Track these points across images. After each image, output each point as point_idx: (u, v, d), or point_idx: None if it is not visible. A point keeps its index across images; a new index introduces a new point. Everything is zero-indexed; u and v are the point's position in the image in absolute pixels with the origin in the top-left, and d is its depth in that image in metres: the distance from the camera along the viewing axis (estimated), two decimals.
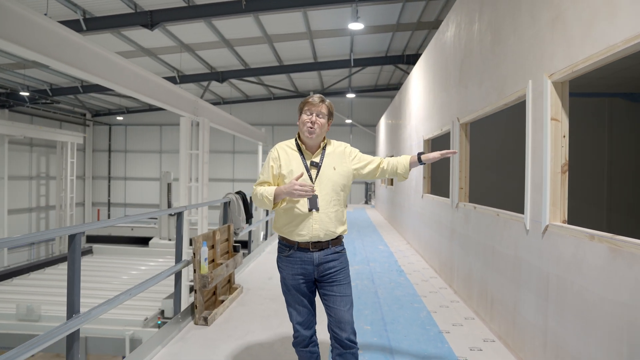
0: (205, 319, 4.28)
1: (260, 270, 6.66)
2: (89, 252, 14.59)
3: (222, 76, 16.87)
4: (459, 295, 5.38)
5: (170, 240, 15.28)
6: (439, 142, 7.73)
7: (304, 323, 2.72)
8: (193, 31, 13.37)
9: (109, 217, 24.08)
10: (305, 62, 17.80)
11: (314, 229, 2.59)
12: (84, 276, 8.61)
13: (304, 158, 2.69)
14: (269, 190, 2.58)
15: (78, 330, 2.65)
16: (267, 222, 8.97)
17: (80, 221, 23.13)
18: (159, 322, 8.94)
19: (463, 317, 4.69)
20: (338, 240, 2.69)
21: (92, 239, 16.42)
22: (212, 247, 4.80)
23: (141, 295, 8.12)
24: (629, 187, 9.78)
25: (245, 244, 8.16)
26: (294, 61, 17.63)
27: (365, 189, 24.24)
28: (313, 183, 2.60)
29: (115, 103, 22.70)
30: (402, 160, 2.84)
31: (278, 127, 24.38)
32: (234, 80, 18.90)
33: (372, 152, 24.35)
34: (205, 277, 4.29)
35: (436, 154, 2.78)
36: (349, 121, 24.23)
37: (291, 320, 2.76)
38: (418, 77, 8.96)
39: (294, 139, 2.77)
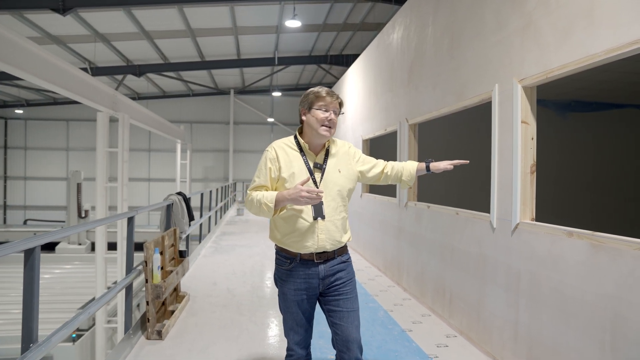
0: (160, 333, 3.94)
1: (203, 276, 6.31)
2: None
3: (139, 70, 15.84)
4: (410, 293, 5.50)
5: (80, 244, 14.07)
6: (379, 141, 7.88)
7: (301, 342, 2.45)
8: (110, 20, 12.39)
9: (4, 222, 21.56)
10: (228, 59, 17.32)
11: (320, 239, 2.30)
12: None
13: (307, 159, 2.37)
14: (267, 197, 2.25)
15: None
16: (200, 224, 8.56)
17: None
18: (74, 335, 8.17)
19: (420, 314, 4.79)
20: (344, 248, 2.43)
21: None
22: (161, 253, 4.43)
23: (43, 307, 7.31)
24: None
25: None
26: (217, 57, 17.08)
27: None
28: (317, 187, 2.32)
29: (13, 94, 20.34)
30: (408, 167, 2.62)
31: (197, 125, 23.48)
32: (151, 75, 17.88)
33: None
34: (158, 287, 3.94)
35: (446, 164, 2.57)
36: (270, 120, 24.01)
37: (287, 337, 2.48)
38: (356, 77, 9.06)
39: (292, 137, 2.45)
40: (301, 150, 2.39)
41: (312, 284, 2.33)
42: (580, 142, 9.25)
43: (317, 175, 2.35)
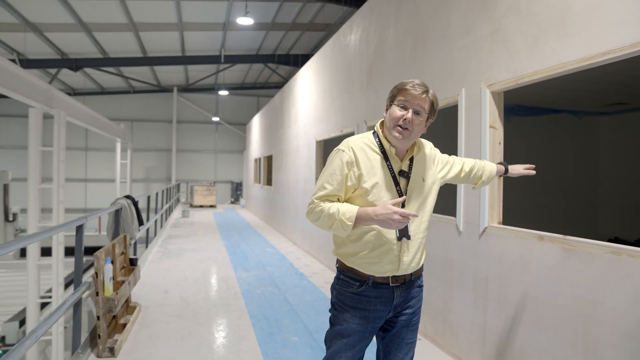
0: (112, 350, 3.64)
1: (152, 284, 5.96)
2: None
3: (76, 64, 14.89)
4: None
5: None
6: (335, 143, 7.82)
7: None
8: (42, 8, 11.54)
9: None
10: (172, 55, 16.70)
11: (403, 262, 1.92)
12: None
13: (391, 165, 1.94)
14: (345, 212, 1.83)
15: None
16: (147, 228, 8.11)
17: None
18: (0, 351, 7.51)
19: None
20: (421, 269, 2.07)
21: None
22: (112, 262, 4.11)
23: None
24: None
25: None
26: (160, 53, 16.42)
27: (233, 187, 23.69)
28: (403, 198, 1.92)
29: None
30: (488, 167, 2.35)
31: (138, 123, 22.48)
32: (89, 70, 16.88)
33: (242, 151, 23.94)
34: (111, 300, 3.64)
35: (520, 169, 2.42)
36: (215, 119, 23.43)
37: None
38: (309, 78, 8.97)
39: (370, 135, 1.99)
40: (384, 153, 1.95)
41: (382, 312, 1.97)
42: (521, 145, 9.71)
43: (403, 184, 1.95)
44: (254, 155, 17.57)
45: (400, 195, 1.93)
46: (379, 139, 1.97)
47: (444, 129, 4.05)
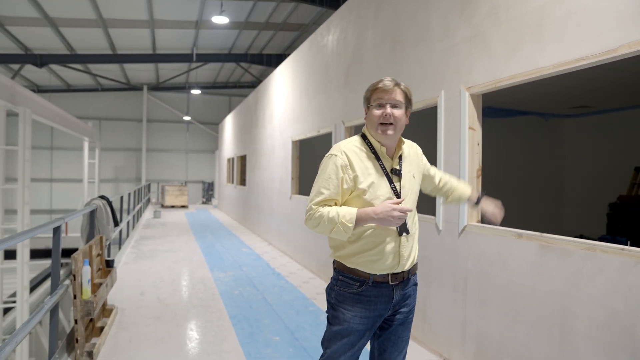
0: (90, 354, 3.56)
1: (128, 286, 5.85)
2: None
3: (40, 60, 14.40)
4: None
5: None
6: (310, 143, 7.87)
7: None
8: (5, 1, 11.11)
9: None
10: (143, 53, 16.37)
11: (402, 257, 1.96)
12: None
13: (384, 164, 1.99)
14: (345, 215, 1.85)
15: None
16: (120, 230, 7.93)
17: None
18: None
19: None
20: (416, 266, 2.11)
21: None
22: (90, 264, 4.02)
23: None
24: None
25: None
26: (130, 50, 16.08)
27: (204, 187, 23.40)
28: (399, 197, 1.97)
29: None
30: (460, 191, 2.33)
31: (107, 122, 21.93)
32: (55, 66, 16.35)
33: (214, 151, 23.68)
34: (89, 303, 3.56)
35: (490, 208, 2.29)
36: (187, 118, 23.08)
37: None
38: (284, 78, 8.97)
39: (359, 138, 2.05)
40: (375, 153, 2.00)
41: (382, 311, 1.99)
42: (491, 146, 9.98)
43: (397, 183, 1.99)
44: (227, 155, 17.41)
45: (395, 192, 1.97)
46: (368, 140, 2.03)
47: (421, 131, 4.14)
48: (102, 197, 5.32)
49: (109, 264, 4.69)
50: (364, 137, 2.05)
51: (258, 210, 11.03)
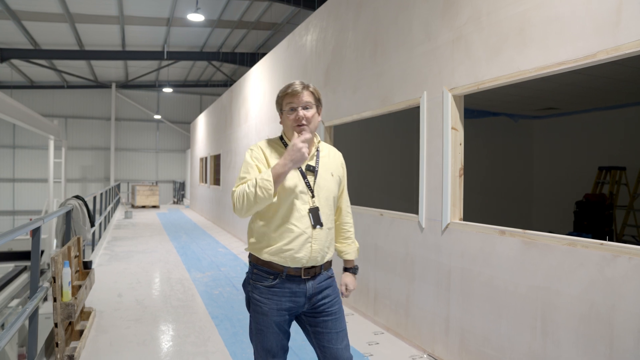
0: (71, 358, 3.48)
1: (104, 288, 5.72)
2: None
3: (2, 55, 13.86)
4: None
5: None
6: None
7: None
8: None
9: None
10: (111, 50, 15.97)
11: (313, 250, 2.03)
12: None
13: None
14: (263, 174, 1.92)
15: None
16: (93, 231, 7.72)
17: None
18: None
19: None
20: (330, 262, 2.18)
21: None
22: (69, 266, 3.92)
23: None
24: None
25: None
26: (99, 47, 15.67)
27: (175, 187, 23.02)
28: (312, 191, 2.07)
29: None
30: (345, 247, 2.36)
31: (73, 120, 21.27)
32: (17, 62, 15.75)
33: (185, 150, 23.31)
34: (70, 306, 3.48)
35: (350, 286, 2.34)
36: (157, 117, 22.64)
37: None
38: (261, 77, 8.93)
39: (277, 139, 2.18)
40: None
41: (298, 303, 2.06)
42: (464, 146, 10.21)
43: (310, 178, 2.09)
44: (199, 154, 17.19)
45: (308, 186, 2.07)
46: (284, 141, 2.15)
47: (401, 131, 4.22)
48: (78, 197, 5.19)
49: (87, 266, 4.59)
50: (281, 138, 2.18)
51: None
